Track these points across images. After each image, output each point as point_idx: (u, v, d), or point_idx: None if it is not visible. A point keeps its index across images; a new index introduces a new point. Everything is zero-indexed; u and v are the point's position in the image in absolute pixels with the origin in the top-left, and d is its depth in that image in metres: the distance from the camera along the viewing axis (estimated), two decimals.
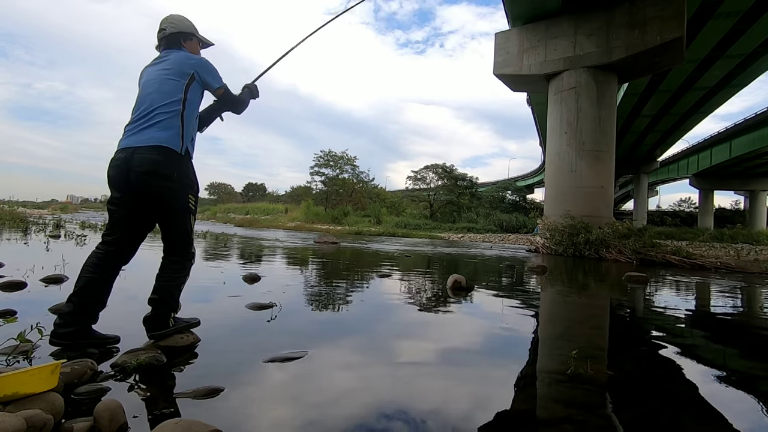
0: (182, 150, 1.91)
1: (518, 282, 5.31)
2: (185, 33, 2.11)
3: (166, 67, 1.97)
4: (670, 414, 1.50)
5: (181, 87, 1.93)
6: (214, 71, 2.06)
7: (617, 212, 40.13)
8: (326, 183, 34.06)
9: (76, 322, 1.77)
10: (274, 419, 1.32)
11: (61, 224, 11.67)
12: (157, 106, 1.88)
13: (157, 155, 1.83)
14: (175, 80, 1.93)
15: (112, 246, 1.90)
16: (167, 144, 1.85)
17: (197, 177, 2.03)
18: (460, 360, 2.02)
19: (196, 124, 2.06)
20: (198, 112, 2.06)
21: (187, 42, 2.12)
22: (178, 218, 1.93)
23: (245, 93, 2.29)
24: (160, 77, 1.93)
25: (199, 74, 1.99)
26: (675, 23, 10.92)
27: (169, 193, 1.87)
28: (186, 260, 2.00)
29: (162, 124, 1.86)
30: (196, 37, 2.17)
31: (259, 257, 6.66)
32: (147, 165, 1.81)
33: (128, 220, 1.90)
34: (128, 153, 1.84)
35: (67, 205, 48.91)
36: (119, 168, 1.85)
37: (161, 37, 2.09)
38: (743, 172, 32.87)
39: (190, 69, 1.97)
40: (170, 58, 2.00)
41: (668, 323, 3.19)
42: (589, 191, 11.97)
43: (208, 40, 2.27)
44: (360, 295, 3.66)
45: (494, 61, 13.87)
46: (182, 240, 1.96)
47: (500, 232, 25.08)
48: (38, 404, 1.14)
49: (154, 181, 1.82)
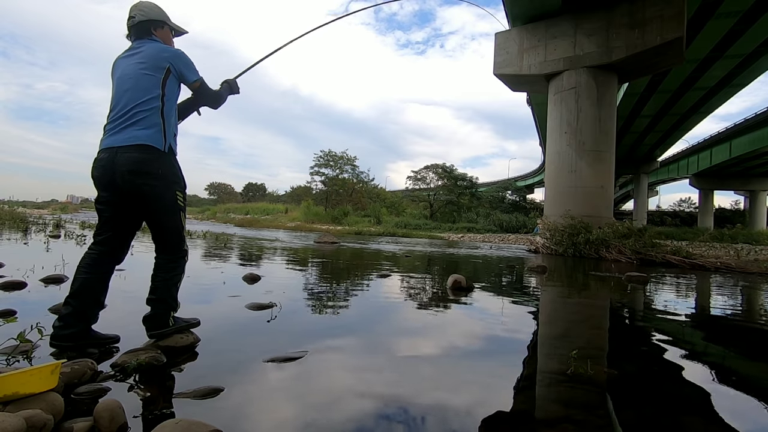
0: (165, 147, 1.88)
1: (518, 282, 5.31)
2: (155, 21, 2.01)
3: (140, 60, 1.89)
4: (670, 414, 1.50)
5: (158, 82, 1.88)
6: (190, 64, 2.00)
7: (617, 212, 40.13)
8: (326, 183, 34.05)
9: (76, 324, 1.77)
10: (274, 419, 1.32)
11: (61, 224, 11.67)
12: (135, 103, 1.84)
13: (140, 154, 1.81)
14: (150, 75, 1.87)
15: (103, 246, 1.89)
16: (150, 142, 1.83)
17: (183, 173, 2.00)
18: (460, 360, 2.02)
19: (177, 119, 2.02)
20: (176, 107, 2.01)
21: (158, 30, 2.03)
22: (168, 216, 1.91)
23: (224, 88, 2.24)
24: (136, 72, 1.87)
25: (174, 67, 1.93)
26: (675, 23, 10.92)
27: (156, 191, 1.85)
28: (180, 258, 1.99)
29: (143, 122, 1.83)
30: (167, 25, 2.07)
31: (259, 257, 6.66)
32: (131, 164, 1.79)
33: (117, 219, 1.90)
34: (111, 153, 1.82)
35: (67, 205, 48.88)
36: (104, 168, 1.83)
37: (130, 26, 1.99)
38: (743, 172, 32.86)
39: (165, 62, 1.90)
40: (144, 50, 1.92)
41: (668, 323, 3.19)
42: (589, 191, 11.97)
43: (181, 28, 2.17)
44: (360, 295, 3.66)
45: (494, 61, 13.86)
46: (174, 238, 1.95)
47: (500, 232, 25.07)
48: (38, 404, 1.14)
49: (140, 180, 1.81)
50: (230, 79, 2.29)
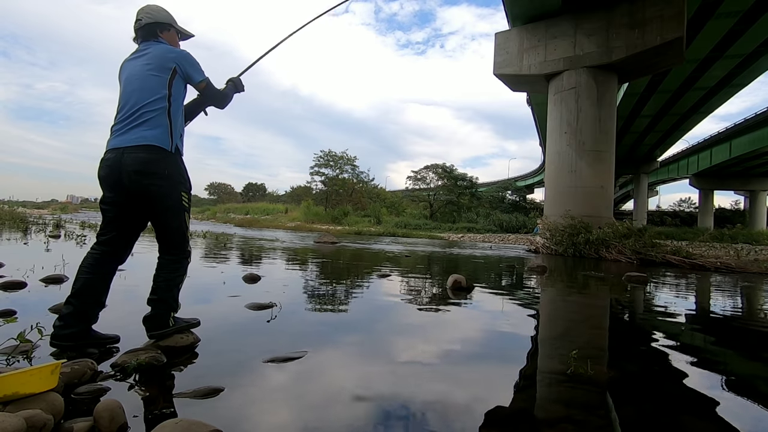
0: (172, 148, 1.89)
1: (518, 282, 5.31)
2: (162, 23, 2.04)
3: (146, 61, 1.91)
4: (670, 414, 1.50)
5: (165, 82, 1.89)
6: (196, 64, 2.00)
7: (617, 212, 40.13)
8: (326, 183, 34.06)
9: (77, 324, 1.77)
10: (274, 419, 1.32)
11: (61, 224, 11.68)
12: (142, 104, 1.84)
13: (147, 154, 1.81)
14: (157, 75, 1.89)
15: (107, 246, 1.90)
16: (157, 143, 1.83)
17: (188, 174, 2.01)
18: (460, 360, 2.02)
19: (183, 120, 2.03)
20: (183, 107, 2.03)
21: (165, 33, 2.05)
22: (173, 216, 1.91)
23: (229, 87, 2.24)
24: (142, 73, 1.89)
25: (180, 68, 1.94)
26: (675, 23, 10.92)
27: (162, 191, 1.85)
28: (183, 258, 1.99)
29: (150, 122, 1.84)
30: (174, 28, 2.10)
31: (259, 257, 6.66)
32: (138, 164, 1.80)
33: (121, 219, 1.90)
34: (118, 153, 1.82)
35: (67, 205, 48.89)
36: (110, 168, 1.84)
37: (137, 28, 2.02)
38: (743, 172, 32.86)
39: (171, 63, 1.92)
40: (150, 51, 1.94)
41: (668, 323, 3.19)
42: (589, 191, 11.97)
43: (187, 31, 2.19)
44: (360, 295, 3.66)
45: (494, 61, 13.86)
46: (178, 238, 1.95)
47: (500, 232, 25.07)
48: (38, 404, 1.14)
49: (147, 180, 1.81)
50: (235, 78, 2.30)
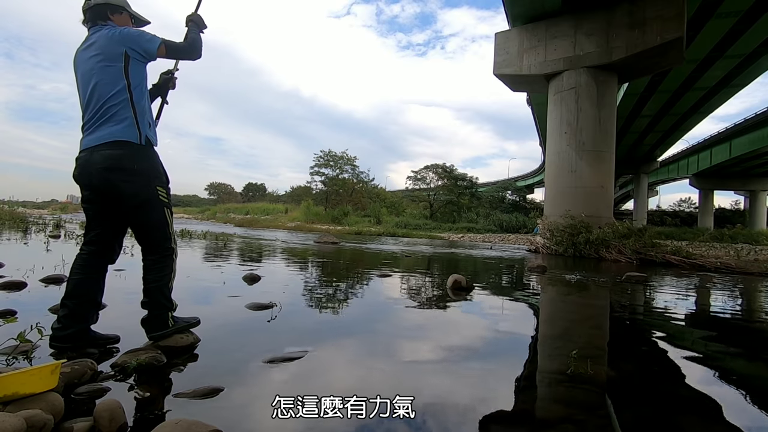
0: (141, 140, 1.82)
1: (518, 282, 5.31)
2: (113, 5, 1.91)
3: (95, 52, 1.80)
4: (670, 414, 1.50)
5: (120, 72, 1.79)
6: (143, 34, 1.86)
7: (617, 212, 40.10)
8: (326, 183, 34.05)
9: (74, 325, 1.77)
10: (274, 419, 1.32)
11: (61, 224, 11.67)
12: (104, 99, 1.77)
13: (114, 150, 1.76)
14: (110, 66, 1.78)
15: (93, 245, 1.87)
16: (124, 137, 1.77)
17: (164, 167, 1.93)
18: (460, 360, 2.02)
19: (149, 106, 1.92)
20: (147, 92, 1.92)
21: (115, 15, 1.91)
22: (149, 213, 1.84)
23: (191, 29, 2.07)
24: (95, 67, 1.79)
25: (131, 49, 1.81)
26: (675, 23, 10.92)
27: (134, 187, 1.78)
28: (167, 257, 1.91)
29: (114, 117, 1.77)
30: (126, 12, 1.96)
31: (259, 257, 6.66)
32: (105, 161, 1.75)
33: (102, 218, 1.86)
34: (88, 153, 1.79)
35: (67, 205, 48.76)
36: (82, 168, 1.81)
37: (85, 9, 1.88)
38: (743, 172, 32.85)
39: (119, 47, 1.79)
40: (96, 41, 1.82)
41: (668, 323, 3.19)
42: (589, 191, 11.97)
43: (142, 16, 2.05)
44: (360, 295, 3.66)
45: (494, 61, 13.86)
46: (158, 236, 1.88)
47: (500, 232, 25.07)
48: (38, 404, 1.14)
49: (115, 177, 1.76)
50: (193, 15, 2.13)
